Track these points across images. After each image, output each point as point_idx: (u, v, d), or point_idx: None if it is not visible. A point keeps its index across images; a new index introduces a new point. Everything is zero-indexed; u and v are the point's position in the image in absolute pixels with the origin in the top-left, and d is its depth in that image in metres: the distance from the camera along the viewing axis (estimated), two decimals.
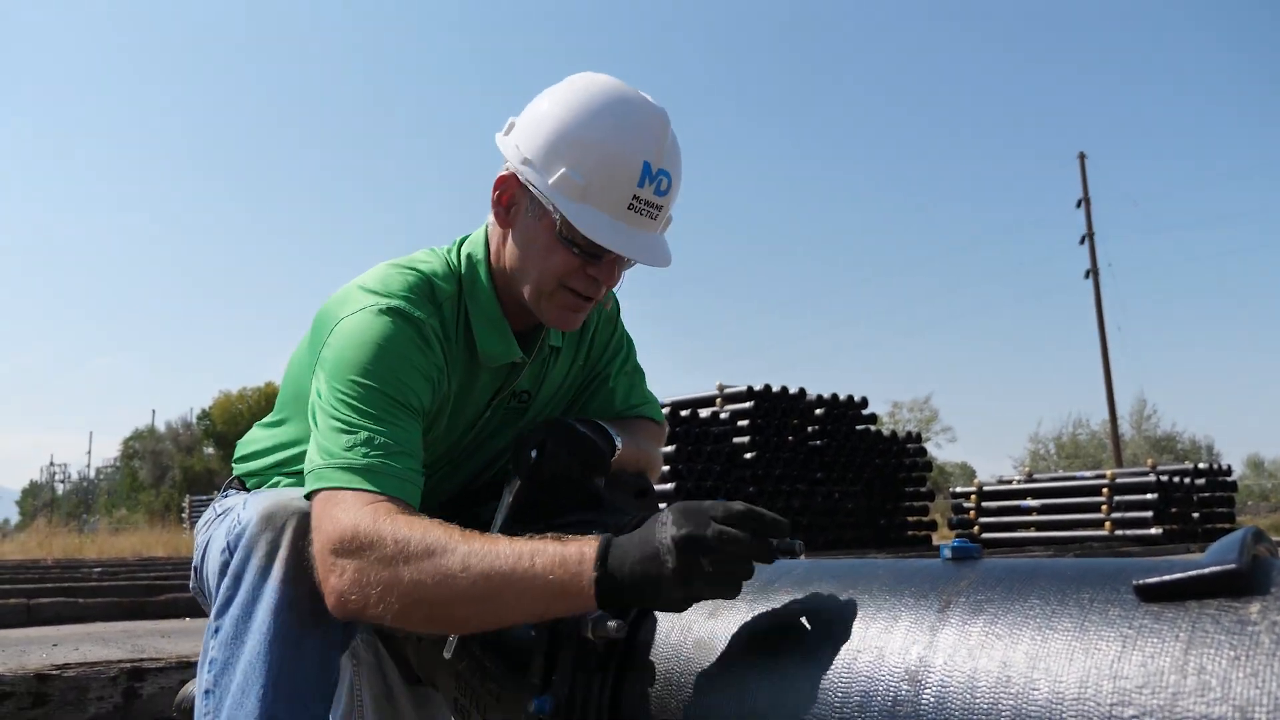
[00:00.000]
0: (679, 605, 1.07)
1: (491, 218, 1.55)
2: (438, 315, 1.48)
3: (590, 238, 1.40)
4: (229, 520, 1.47)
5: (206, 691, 1.29)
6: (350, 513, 1.23)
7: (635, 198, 1.41)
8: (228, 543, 1.37)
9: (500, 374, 1.62)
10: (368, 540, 1.19)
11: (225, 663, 1.28)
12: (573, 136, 1.41)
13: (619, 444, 1.56)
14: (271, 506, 1.35)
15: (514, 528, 1.38)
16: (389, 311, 1.42)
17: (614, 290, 1.75)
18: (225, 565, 1.35)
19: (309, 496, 1.31)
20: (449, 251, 1.59)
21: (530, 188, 1.45)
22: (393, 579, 1.17)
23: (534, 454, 1.44)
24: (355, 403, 1.34)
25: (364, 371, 1.37)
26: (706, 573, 1.01)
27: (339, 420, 1.33)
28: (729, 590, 1.04)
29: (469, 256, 1.57)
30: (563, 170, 1.40)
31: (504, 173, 1.50)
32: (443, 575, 1.15)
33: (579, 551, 1.10)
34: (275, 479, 1.65)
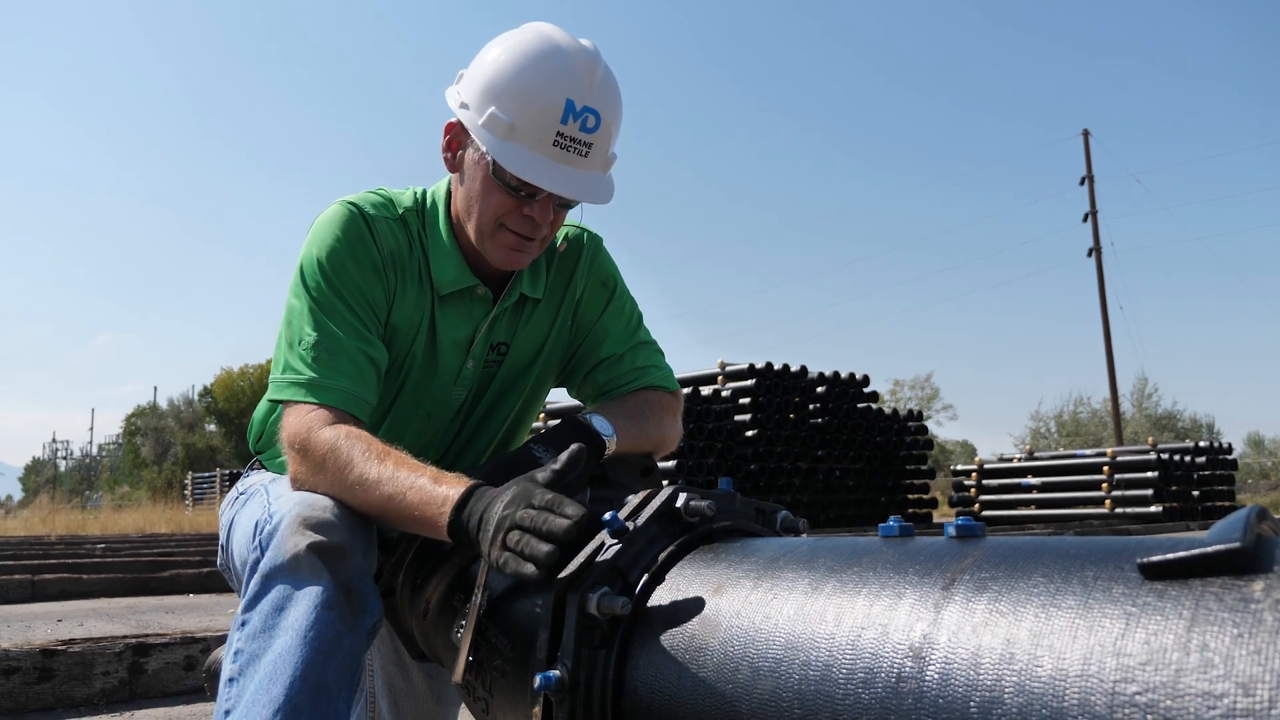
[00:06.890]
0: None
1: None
2: (399, 224, 1.62)
3: (513, 172, 1.46)
4: (256, 508, 1.49)
5: (230, 679, 1.29)
6: (296, 421, 1.48)
7: (560, 134, 1.46)
8: (259, 541, 1.37)
9: (468, 315, 1.66)
10: (305, 447, 1.45)
11: (252, 654, 1.28)
12: (501, 78, 1.48)
13: (610, 446, 1.55)
14: (303, 509, 1.36)
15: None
16: (345, 204, 1.59)
17: (600, 263, 1.76)
18: (256, 562, 1.35)
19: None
20: (416, 189, 1.71)
21: (467, 130, 1.53)
22: (318, 481, 1.43)
23: None
24: (309, 301, 1.53)
25: (318, 263, 1.55)
26: (510, 549, 1.17)
27: (293, 326, 1.54)
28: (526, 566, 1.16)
29: (432, 194, 1.69)
30: (491, 110, 1.48)
31: (451, 121, 1.59)
32: (347, 488, 1.39)
33: (443, 497, 1.30)
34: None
